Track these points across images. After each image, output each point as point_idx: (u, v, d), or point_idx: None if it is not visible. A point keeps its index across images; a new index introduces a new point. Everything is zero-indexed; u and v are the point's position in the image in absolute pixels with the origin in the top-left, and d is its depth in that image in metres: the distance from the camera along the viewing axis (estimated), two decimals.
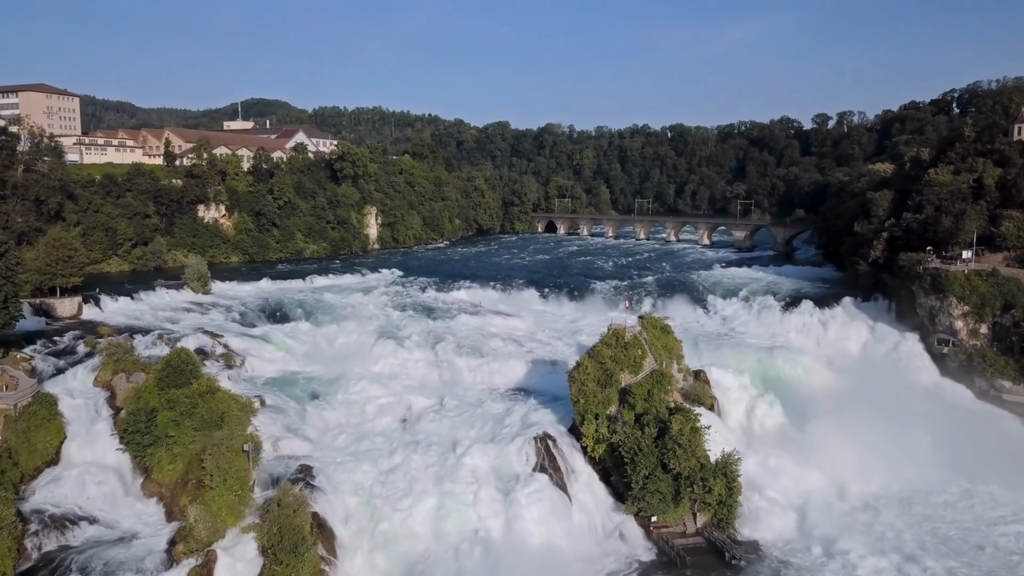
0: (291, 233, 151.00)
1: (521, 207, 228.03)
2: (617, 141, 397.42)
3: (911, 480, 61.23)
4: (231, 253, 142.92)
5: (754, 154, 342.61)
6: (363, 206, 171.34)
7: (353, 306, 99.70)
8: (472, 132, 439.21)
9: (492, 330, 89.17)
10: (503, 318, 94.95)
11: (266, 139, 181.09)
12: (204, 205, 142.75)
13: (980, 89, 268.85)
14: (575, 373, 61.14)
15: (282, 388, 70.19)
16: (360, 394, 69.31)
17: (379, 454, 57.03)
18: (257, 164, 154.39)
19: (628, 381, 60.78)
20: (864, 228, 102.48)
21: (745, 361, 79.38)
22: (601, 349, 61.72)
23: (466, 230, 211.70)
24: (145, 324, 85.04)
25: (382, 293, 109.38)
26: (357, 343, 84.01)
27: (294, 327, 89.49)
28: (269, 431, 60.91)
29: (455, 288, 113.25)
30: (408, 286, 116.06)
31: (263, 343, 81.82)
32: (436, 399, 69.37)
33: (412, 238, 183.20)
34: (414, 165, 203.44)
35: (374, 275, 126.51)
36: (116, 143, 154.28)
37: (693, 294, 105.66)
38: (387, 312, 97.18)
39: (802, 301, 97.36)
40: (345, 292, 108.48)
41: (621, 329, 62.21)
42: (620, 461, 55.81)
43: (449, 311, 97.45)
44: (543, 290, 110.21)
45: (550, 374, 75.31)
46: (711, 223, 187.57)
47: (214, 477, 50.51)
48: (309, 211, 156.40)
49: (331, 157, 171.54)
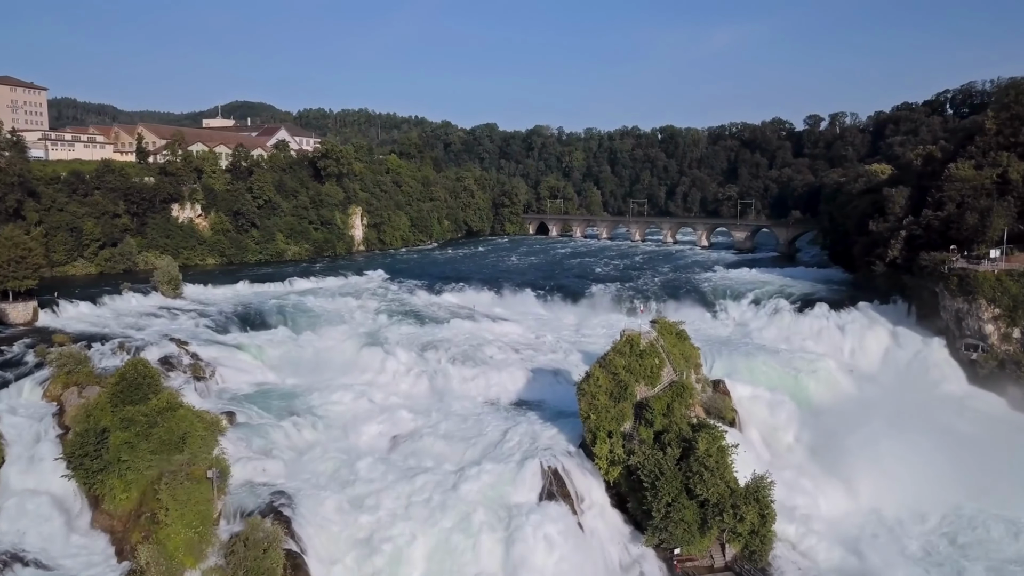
0: (271, 234, 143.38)
1: (512, 208, 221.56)
2: (607, 143, 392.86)
3: (952, 504, 54.98)
4: (207, 255, 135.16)
5: (746, 156, 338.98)
6: (348, 206, 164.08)
7: (336, 311, 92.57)
8: (460, 134, 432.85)
9: (487, 336, 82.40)
10: (499, 323, 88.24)
11: (246, 136, 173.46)
12: (178, 204, 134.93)
13: (974, 90, 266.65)
14: (584, 385, 54.53)
15: (255, 402, 63.01)
16: (343, 409, 62.27)
17: (364, 480, 50.06)
18: (236, 161, 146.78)
19: (644, 394, 54.30)
20: (880, 227, 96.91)
21: (762, 369, 73.32)
22: (613, 358, 55.19)
23: (455, 232, 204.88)
24: (107, 331, 77.38)
25: (368, 297, 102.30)
26: (340, 351, 76.96)
27: (271, 334, 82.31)
28: (239, 452, 53.83)
29: (446, 291, 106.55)
30: (396, 289, 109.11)
31: (236, 352, 74.49)
32: (428, 414, 62.45)
33: (399, 239, 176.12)
34: (401, 164, 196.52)
35: (359, 278, 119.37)
36: (85, 139, 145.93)
37: (699, 297, 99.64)
38: (373, 317, 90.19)
39: (816, 304, 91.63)
40: (328, 296, 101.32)
41: (635, 335, 55.73)
42: (638, 486, 49.27)
43: (440, 316, 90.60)
44: (540, 293, 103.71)
45: (553, 385, 68.74)
46: (710, 224, 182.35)
47: (170, 511, 43.38)
48: (291, 211, 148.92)
49: (315, 155, 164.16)
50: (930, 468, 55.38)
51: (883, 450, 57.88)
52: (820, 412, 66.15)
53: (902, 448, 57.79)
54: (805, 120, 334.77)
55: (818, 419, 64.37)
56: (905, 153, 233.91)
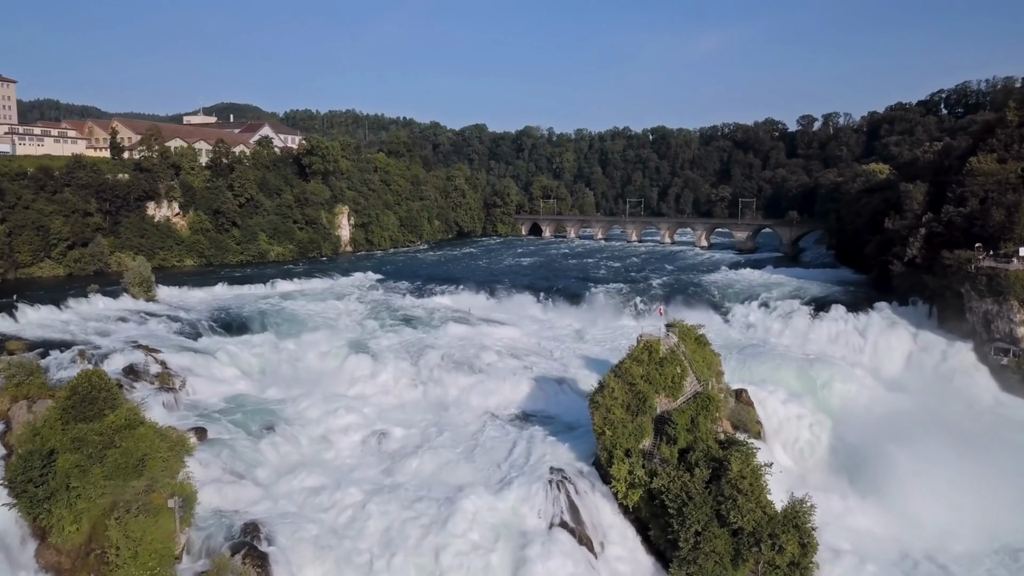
0: (253, 234, 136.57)
1: (504, 208, 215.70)
2: (598, 144, 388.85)
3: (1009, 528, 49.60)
4: (185, 256, 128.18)
5: (739, 156, 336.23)
6: (334, 205, 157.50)
7: (321, 314, 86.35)
8: (448, 135, 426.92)
9: (484, 341, 76.40)
10: (496, 327, 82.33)
11: (228, 133, 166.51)
12: (154, 202, 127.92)
13: (969, 89, 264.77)
14: (598, 398, 48.74)
15: (230, 416, 56.63)
16: (327, 423, 56.13)
17: (350, 505, 44.00)
18: (216, 158, 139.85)
19: (665, 407, 48.63)
20: (896, 224, 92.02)
21: (783, 376, 67.98)
22: (630, 366, 49.46)
23: (446, 232, 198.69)
24: (68, 337, 70.68)
25: (355, 300, 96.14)
26: (325, 359, 70.73)
27: (249, 340, 75.85)
28: (209, 475, 47.64)
29: (438, 294, 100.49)
30: (385, 291, 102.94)
31: (210, 359, 68.02)
32: (422, 428, 56.44)
33: (388, 240, 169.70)
34: (390, 163, 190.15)
35: (346, 279, 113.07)
36: (56, 134, 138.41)
37: (708, 299, 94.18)
38: (361, 321, 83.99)
39: (831, 306, 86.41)
40: (313, 299, 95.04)
41: (654, 341, 50.04)
42: (662, 511, 43.55)
43: (433, 319, 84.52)
44: (539, 295, 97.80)
45: (558, 395, 62.96)
46: (710, 224, 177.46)
47: (122, 550, 37.12)
48: (274, 210, 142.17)
49: (299, 151, 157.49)
50: (988, 489, 50.00)
51: (927, 466, 52.57)
52: (849, 424, 60.74)
53: (947, 466, 52.52)
54: (798, 120, 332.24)
55: (849, 432, 59.00)
56: (903, 152, 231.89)
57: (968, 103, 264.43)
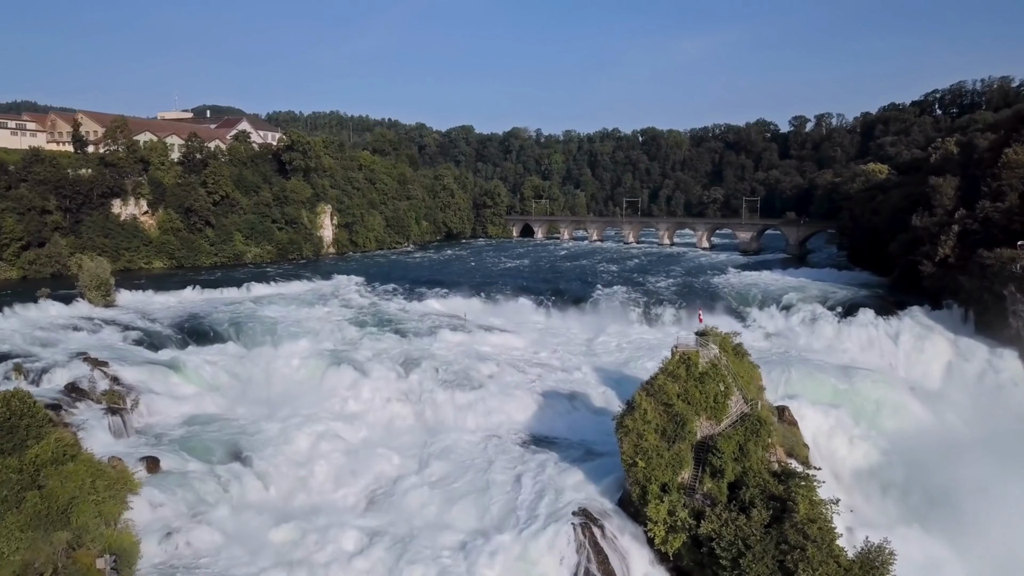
0: (229, 234, 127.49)
1: (494, 209, 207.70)
2: (587, 145, 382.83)
3: None
4: (153, 257, 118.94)
5: (730, 158, 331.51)
6: (316, 204, 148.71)
7: (300, 321, 77.80)
8: (434, 136, 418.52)
9: (483, 350, 68.49)
10: (495, 334, 74.27)
11: (203, 128, 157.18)
12: (120, 200, 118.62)
13: (964, 90, 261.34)
14: (628, 421, 40.94)
15: (189, 442, 48.25)
16: (304, 448, 47.85)
17: (334, 559, 35.84)
18: (189, 153, 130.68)
19: (707, 431, 41.00)
20: (925, 221, 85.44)
21: (817, 388, 60.58)
22: (663, 383, 41.73)
23: (434, 233, 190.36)
24: (6, 348, 61.68)
25: (338, 304, 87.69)
26: (303, 372, 62.26)
27: (219, 350, 67.36)
28: (158, 517, 39.34)
29: (430, 297, 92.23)
30: (371, 295, 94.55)
31: (171, 373, 59.36)
32: (414, 455, 48.35)
33: (373, 241, 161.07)
34: (375, 160, 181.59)
35: (328, 282, 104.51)
36: (13, 126, 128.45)
37: (723, 303, 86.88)
38: (344, 328, 75.57)
39: (859, 310, 79.47)
40: (291, 303, 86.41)
41: (692, 353, 42.36)
42: (710, 561, 35.81)
43: (424, 326, 76.28)
44: (539, 299, 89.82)
45: (570, 413, 55.27)
46: (711, 224, 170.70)
47: None
48: (251, 208, 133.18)
49: (279, 147, 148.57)
50: None
51: (998, 495, 45.21)
52: (900, 444, 53.40)
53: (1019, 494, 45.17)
54: (790, 121, 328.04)
55: (902, 454, 51.60)
56: (901, 152, 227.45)
57: (963, 103, 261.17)
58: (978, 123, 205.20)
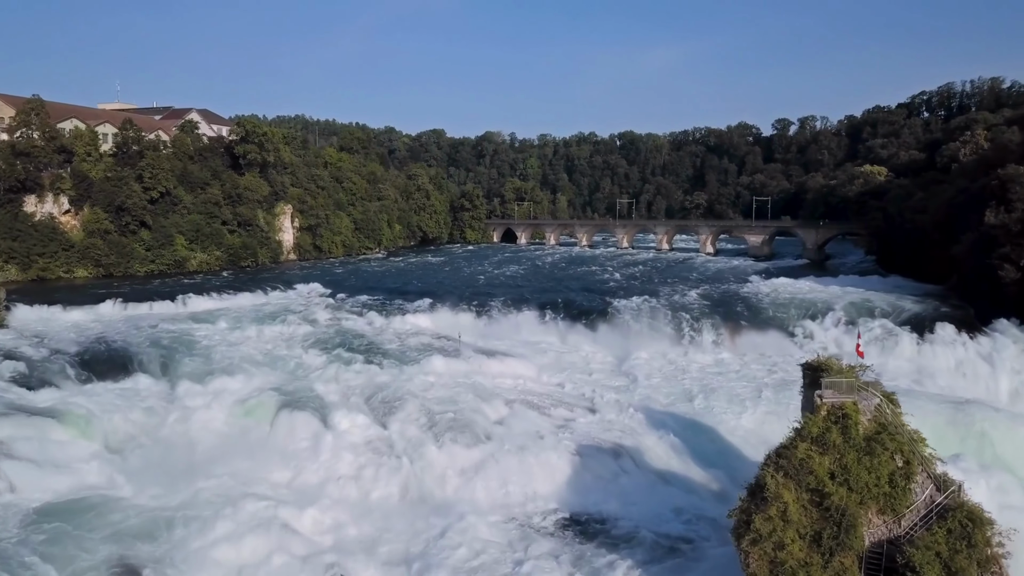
0: (169, 237, 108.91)
1: (473, 212, 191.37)
2: (563, 150, 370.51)
3: None
4: (75, 265, 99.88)
5: (713, 161, 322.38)
6: (275, 204, 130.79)
7: (246, 344, 60.69)
8: (404, 140, 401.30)
9: (486, 382, 52.24)
10: (498, 360, 57.81)
11: (144, 118, 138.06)
12: (36, 195, 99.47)
13: (953, 91, 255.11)
14: (757, 522, 25.30)
15: (56, 547, 31.07)
16: (234, 559, 31.06)
17: None
18: (123, 143, 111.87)
19: (881, 533, 25.65)
20: (1002, 219, 72.11)
21: (929, 431, 45.73)
22: (806, 455, 26.27)
23: (408, 238, 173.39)
24: None
25: (298, 321, 70.53)
26: (243, 420, 45.28)
27: (129, 388, 49.93)
28: None
29: (411, 311, 75.39)
30: (338, 310, 77.54)
31: (50, 426, 41.90)
32: (403, 559, 31.94)
33: (340, 246, 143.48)
34: (343, 157, 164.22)
35: (286, 294, 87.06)
36: None
37: (765, 316, 72.28)
38: (301, 354, 58.60)
39: (935, 325, 65.59)
40: (239, 321, 69.05)
41: (850, 405, 26.97)
42: None
43: (407, 350, 59.69)
44: (544, 313, 73.66)
45: (618, 478, 39.40)
46: (716, 227, 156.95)
47: None
48: (198, 207, 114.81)
49: (232, 139, 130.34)
50: None
51: None
52: None
53: None
54: (773, 124, 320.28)
55: None
56: (899, 154, 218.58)
57: (951, 105, 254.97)
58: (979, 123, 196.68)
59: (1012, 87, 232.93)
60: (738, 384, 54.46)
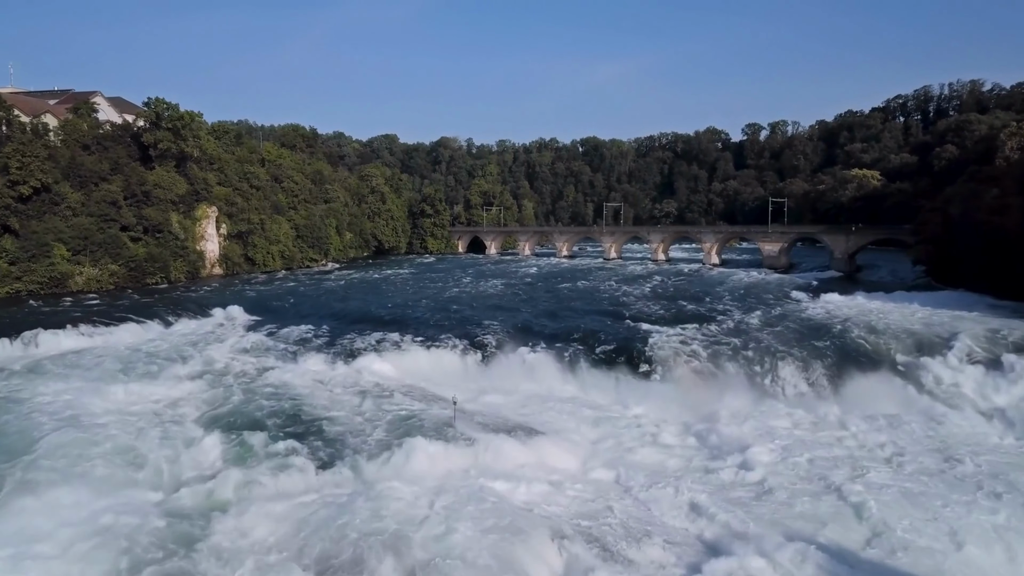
0: (44, 246, 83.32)
1: (436, 219, 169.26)
2: (523, 156, 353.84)
3: None
4: None
5: (681, 168, 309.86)
6: (195, 205, 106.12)
7: (106, 415, 37.36)
8: (355, 146, 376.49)
9: (505, 492, 30.35)
10: (518, 441, 35.30)
11: (29, 100, 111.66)
12: None
13: (930, 94, 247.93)
14: None
15: None
16: None
17: None
18: None
19: None
20: None
21: None
22: None
23: (361, 248, 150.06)
24: None
25: (200, 368, 47.38)
26: None
27: None
28: None
29: (367, 350, 52.77)
30: (262, 348, 54.49)
31: None
32: None
33: (278, 257, 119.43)
34: (283, 153, 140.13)
35: (196, 322, 63.62)
36: None
37: (860, 351, 52.65)
38: (180, 445, 35.38)
39: None
40: (107, 370, 45.54)
41: None
42: None
43: (364, 424, 37.27)
44: (563, 353, 51.98)
45: None
46: (724, 234, 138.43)
47: None
48: (89, 208, 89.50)
49: (140, 124, 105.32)
50: None
51: None
52: None
53: None
54: (743, 130, 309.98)
55: None
56: (888, 157, 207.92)
57: (928, 109, 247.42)
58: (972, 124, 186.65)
59: (993, 90, 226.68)
60: (898, 473, 34.32)
